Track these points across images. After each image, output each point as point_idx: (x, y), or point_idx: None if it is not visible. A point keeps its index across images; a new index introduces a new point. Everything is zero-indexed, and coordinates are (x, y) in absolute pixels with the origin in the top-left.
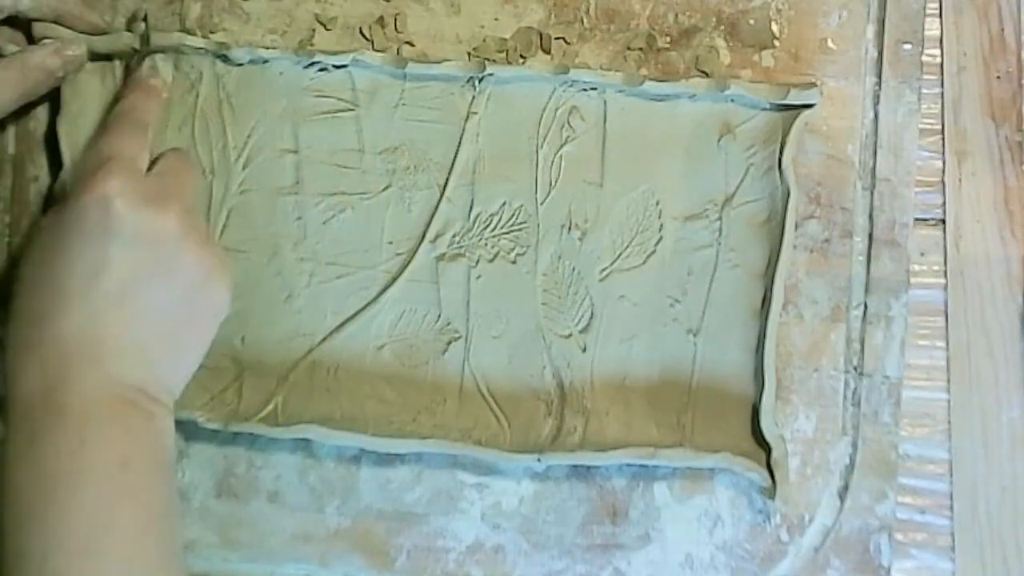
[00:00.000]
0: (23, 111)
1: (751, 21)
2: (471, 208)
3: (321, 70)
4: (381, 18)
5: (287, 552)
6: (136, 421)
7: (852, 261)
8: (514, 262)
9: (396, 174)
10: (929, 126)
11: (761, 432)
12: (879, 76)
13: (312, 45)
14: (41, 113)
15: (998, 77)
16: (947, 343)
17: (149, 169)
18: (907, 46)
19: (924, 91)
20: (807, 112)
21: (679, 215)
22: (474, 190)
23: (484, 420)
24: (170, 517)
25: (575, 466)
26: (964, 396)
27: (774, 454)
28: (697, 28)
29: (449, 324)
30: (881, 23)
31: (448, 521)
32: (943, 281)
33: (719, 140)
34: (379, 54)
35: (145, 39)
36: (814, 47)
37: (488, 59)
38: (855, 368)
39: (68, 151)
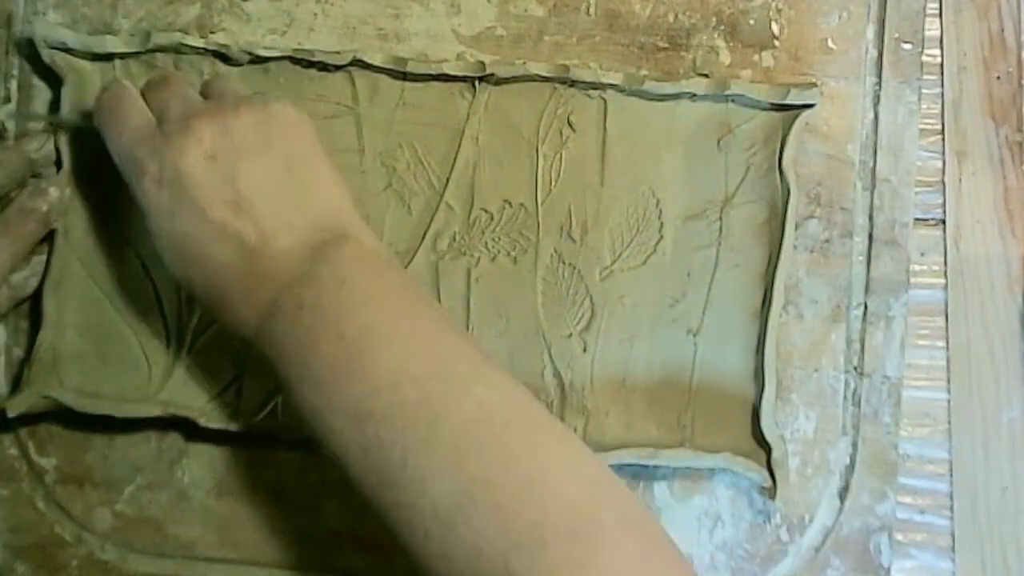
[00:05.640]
0: (24, 113)
1: (751, 21)
2: (471, 208)
3: (321, 70)
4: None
5: (287, 552)
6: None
7: (852, 261)
8: (514, 262)
9: (396, 174)
10: (929, 126)
11: (761, 432)
12: (879, 76)
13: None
14: (41, 113)
15: (998, 77)
16: (947, 343)
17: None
18: (907, 46)
19: (924, 91)
20: (807, 112)
21: (679, 215)
22: (474, 190)
23: None
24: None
25: None
26: (964, 396)
27: (774, 454)
28: (697, 28)
29: None
30: (881, 23)
31: None
32: (943, 281)
33: (719, 140)
34: (379, 54)
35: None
36: (814, 47)
37: (488, 59)
38: (855, 368)
39: (68, 151)
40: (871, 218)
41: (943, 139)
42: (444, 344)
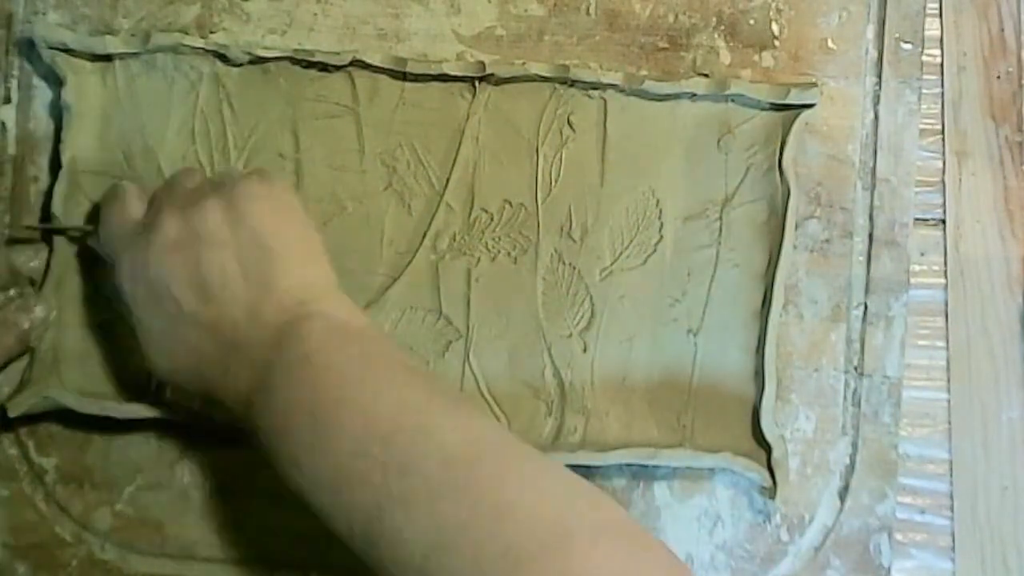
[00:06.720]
0: (24, 113)
1: (751, 21)
2: (471, 208)
3: (321, 70)
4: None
5: (287, 552)
6: (316, 324)
7: (852, 261)
8: (514, 262)
9: (396, 174)
10: (929, 126)
11: (761, 432)
12: (879, 76)
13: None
14: (41, 113)
15: (998, 77)
16: (947, 343)
17: None
18: (907, 46)
19: (924, 91)
20: (807, 112)
21: (679, 215)
22: (474, 190)
23: None
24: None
25: (575, 466)
26: (964, 396)
27: (774, 454)
28: (697, 28)
29: (449, 324)
30: (881, 23)
31: None
32: (943, 281)
33: (719, 140)
34: (379, 54)
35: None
36: (814, 47)
37: (488, 59)
38: (855, 368)
39: (68, 152)
40: (871, 218)
41: (943, 139)
42: (409, 398)
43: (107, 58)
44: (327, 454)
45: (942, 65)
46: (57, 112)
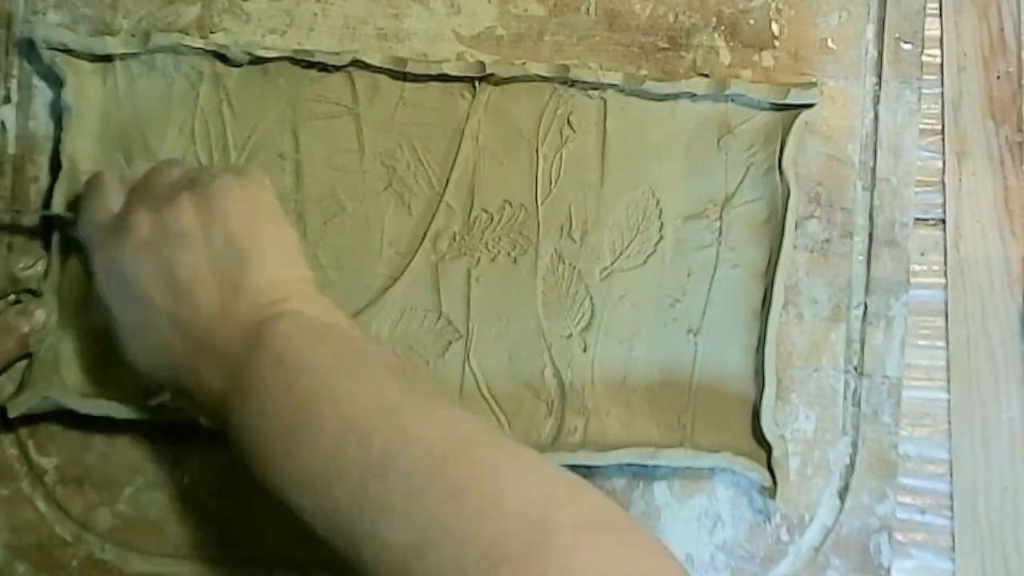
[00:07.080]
0: (24, 113)
1: (751, 21)
2: (471, 208)
3: (321, 71)
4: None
5: (287, 552)
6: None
7: (852, 261)
8: (514, 262)
9: (396, 175)
10: (929, 126)
11: (761, 432)
12: (879, 76)
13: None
14: (41, 113)
15: (998, 77)
16: (947, 343)
17: None
18: (907, 46)
19: (924, 91)
20: (807, 112)
21: (679, 215)
22: (474, 190)
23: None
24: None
25: (575, 466)
26: (964, 396)
27: (775, 454)
28: (697, 28)
29: (449, 324)
30: (881, 23)
31: None
32: (943, 281)
33: (719, 140)
34: (379, 54)
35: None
36: (814, 47)
37: (488, 59)
38: (855, 368)
39: (68, 152)
40: (871, 218)
41: (943, 139)
42: (385, 395)
43: (107, 58)
44: (304, 456)
45: (942, 65)
46: (57, 112)
